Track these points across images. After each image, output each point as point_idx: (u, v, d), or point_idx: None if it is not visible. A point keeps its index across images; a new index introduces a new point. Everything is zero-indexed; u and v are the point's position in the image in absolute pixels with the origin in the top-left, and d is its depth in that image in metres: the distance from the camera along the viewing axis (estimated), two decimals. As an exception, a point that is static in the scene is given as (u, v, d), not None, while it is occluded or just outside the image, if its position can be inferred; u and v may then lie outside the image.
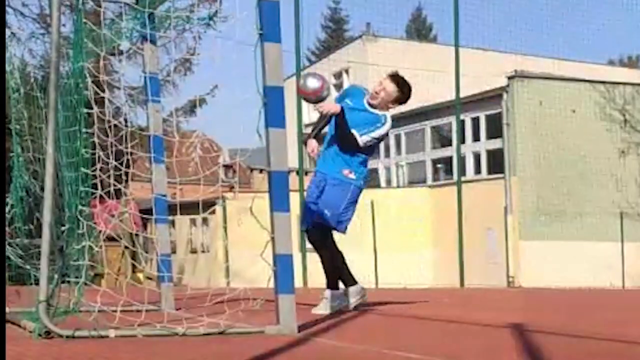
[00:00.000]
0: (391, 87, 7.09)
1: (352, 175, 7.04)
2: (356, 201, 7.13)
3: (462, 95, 21.20)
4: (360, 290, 7.29)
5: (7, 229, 7.74)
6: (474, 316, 7.03)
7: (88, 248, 4.99)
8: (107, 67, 5.98)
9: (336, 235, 7.22)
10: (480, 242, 23.79)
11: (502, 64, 28.52)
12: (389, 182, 30.36)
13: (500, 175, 25.09)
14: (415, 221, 25.66)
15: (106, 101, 5.45)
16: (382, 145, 30.91)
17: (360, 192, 7.13)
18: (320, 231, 7.09)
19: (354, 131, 6.88)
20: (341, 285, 7.29)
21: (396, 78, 7.15)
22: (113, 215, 6.15)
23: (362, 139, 6.92)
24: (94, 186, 5.21)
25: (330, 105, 6.87)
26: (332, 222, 7.03)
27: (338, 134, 6.99)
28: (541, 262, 24.02)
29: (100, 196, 5.30)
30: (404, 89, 7.14)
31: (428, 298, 10.01)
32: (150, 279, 14.83)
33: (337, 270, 7.24)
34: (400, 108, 7.72)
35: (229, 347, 4.48)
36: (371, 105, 7.11)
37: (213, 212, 24.26)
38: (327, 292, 7.16)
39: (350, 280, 7.29)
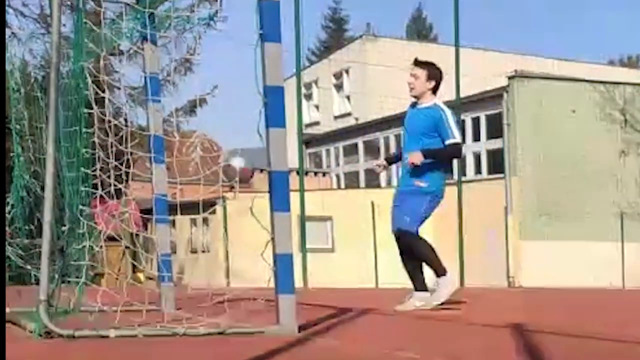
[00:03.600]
0: (418, 70, 7.49)
1: (422, 184, 7.43)
2: (433, 207, 7.59)
3: (462, 95, 21.14)
4: (451, 280, 7.64)
5: (7, 229, 7.74)
6: (474, 316, 7.03)
7: (88, 248, 5.00)
8: (108, 67, 5.97)
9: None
10: (480, 242, 23.77)
11: (502, 64, 28.54)
12: (389, 182, 30.35)
13: (501, 175, 25.09)
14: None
15: (106, 101, 5.45)
16: (382, 146, 30.94)
17: (436, 197, 7.55)
18: (408, 236, 7.47)
19: (450, 141, 7.37)
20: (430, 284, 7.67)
21: (417, 62, 7.58)
22: (113, 215, 6.14)
23: (456, 140, 7.40)
24: (95, 186, 5.21)
25: (415, 157, 7.30)
26: (413, 227, 7.47)
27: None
28: (541, 262, 24.02)
29: (101, 196, 5.30)
30: (430, 65, 7.58)
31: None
32: (150, 279, 14.83)
33: (429, 265, 7.61)
34: (401, 108, 7.95)
35: (229, 347, 4.49)
36: (418, 100, 7.54)
37: (213, 212, 24.26)
38: (416, 294, 7.55)
39: (442, 270, 7.62)
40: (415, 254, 7.53)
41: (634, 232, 25.03)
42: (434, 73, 7.53)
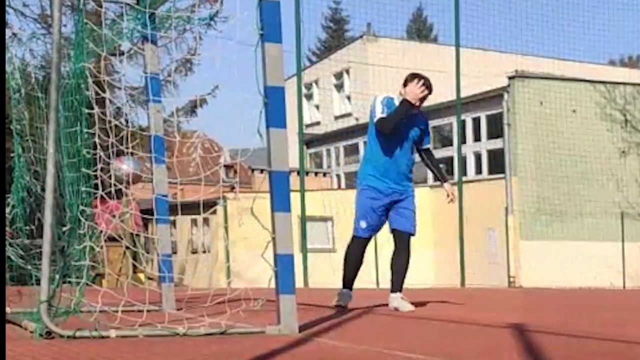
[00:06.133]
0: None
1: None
2: None
3: (462, 95, 21.20)
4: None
5: (8, 229, 7.74)
6: (474, 316, 7.03)
7: (89, 248, 5.00)
8: (108, 68, 6.00)
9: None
10: (480, 242, 23.79)
11: (502, 64, 28.52)
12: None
13: (501, 175, 25.09)
14: (416, 221, 25.63)
15: (107, 101, 5.46)
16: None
17: None
18: (410, 242, 7.62)
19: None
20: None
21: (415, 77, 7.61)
22: (114, 216, 6.15)
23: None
24: (95, 186, 5.22)
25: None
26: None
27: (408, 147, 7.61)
28: (542, 262, 24.02)
29: (101, 196, 5.30)
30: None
31: (431, 298, 10.01)
32: (151, 279, 14.83)
33: (404, 276, 7.67)
34: None
35: (230, 347, 4.49)
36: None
37: (214, 212, 24.26)
38: (399, 294, 7.49)
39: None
40: (406, 259, 7.61)
41: (634, 232, 25.03)
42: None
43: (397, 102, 7.46)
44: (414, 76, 7.56)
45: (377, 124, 7.34)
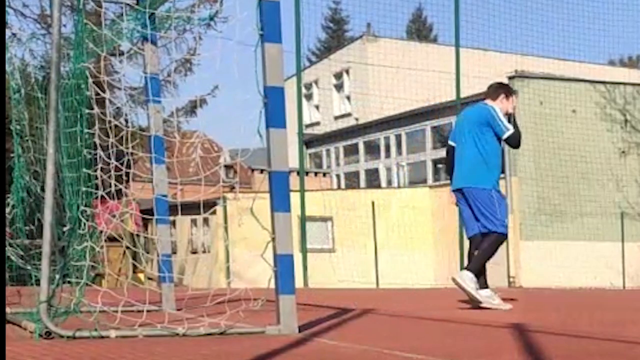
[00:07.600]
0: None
1: None
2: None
3: (462, 95, 21.19)
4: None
5: (8, 229, 7.74)
6: (474, 316, 7.03)
7: (89, 248, 5.00)
8: (108, 68, 5.99)
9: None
10: (481, 242, 23.75)
11: (502, 64, 28.51)
12: (389, 182, 30.37)
13: (501, 175, 25.09)
14: (416, 221, 25.68)
15: (107, 101, 5.45)
16: (382, 146, 30.95)
17: None
18: None
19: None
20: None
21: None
22: (114, 216, 6.15)
23: None
24: (95, 186, 5.22)
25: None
26: None
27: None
28: (542, 262, 24.03)
29: (101, 196, 5.30)
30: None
31: (431, 298, 10.02)
32: (151, 279, 14.85)
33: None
34: (401, 108, 8.29)
35: (230, 347, 4.49)
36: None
37: (214, 212, 24.27)
38: (488, 291, 7.86)
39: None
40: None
41: (634, 232, 25.04)
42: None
43: None
44: (511, 89, 8.43)
45: (510, 138, 8.39)
